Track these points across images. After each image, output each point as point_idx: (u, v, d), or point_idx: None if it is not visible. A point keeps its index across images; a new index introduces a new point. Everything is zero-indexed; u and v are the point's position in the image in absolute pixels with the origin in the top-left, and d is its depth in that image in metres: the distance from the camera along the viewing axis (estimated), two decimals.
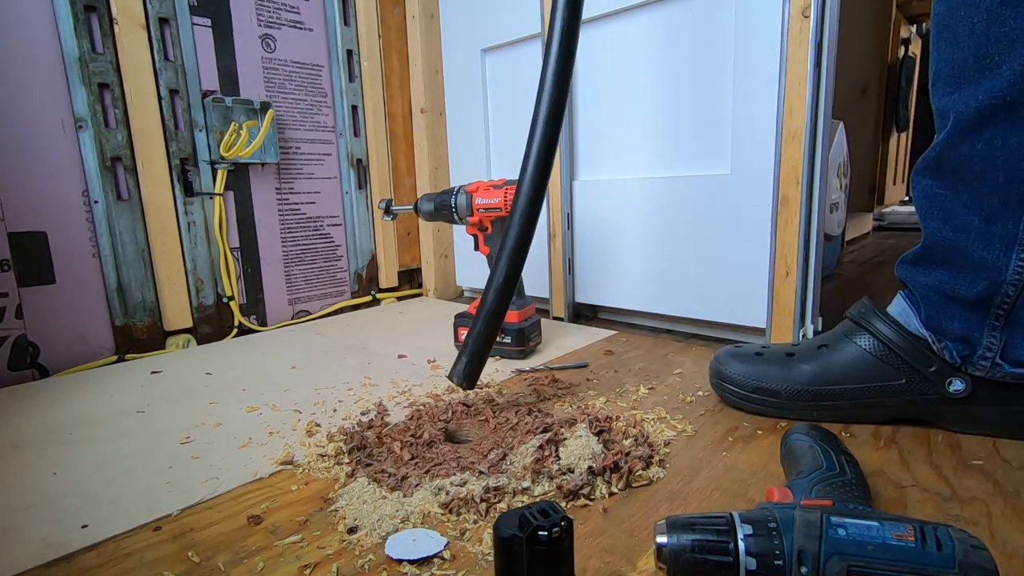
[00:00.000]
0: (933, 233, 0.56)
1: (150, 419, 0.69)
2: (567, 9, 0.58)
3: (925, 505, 0.45)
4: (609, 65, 1.00)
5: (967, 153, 0.51)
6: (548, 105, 0.59)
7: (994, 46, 0.48)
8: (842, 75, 0.82)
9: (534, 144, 0.60)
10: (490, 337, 0.63)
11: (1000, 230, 0.51)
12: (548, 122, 0.59)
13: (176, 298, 1.01)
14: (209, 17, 1.03)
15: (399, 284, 1.39)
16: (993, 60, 0.48)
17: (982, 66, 0.49)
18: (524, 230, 0.62)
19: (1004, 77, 0.47)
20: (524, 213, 0.61)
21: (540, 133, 0.60)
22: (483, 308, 0.62)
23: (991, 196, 0.51)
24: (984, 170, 0.51)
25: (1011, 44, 0.47)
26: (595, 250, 1.07)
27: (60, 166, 0.89)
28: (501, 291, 0.62)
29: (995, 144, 0.49)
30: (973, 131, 0.50)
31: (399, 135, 1.33)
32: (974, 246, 0.52)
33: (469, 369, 0.63)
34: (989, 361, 0.53)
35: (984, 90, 0.49)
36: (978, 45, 0.49)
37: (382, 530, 0.44)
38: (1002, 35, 0.47)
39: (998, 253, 0.51)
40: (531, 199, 0.61)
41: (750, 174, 0.85)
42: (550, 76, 0.59)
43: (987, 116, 0.49)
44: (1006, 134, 0.49)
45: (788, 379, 0.60)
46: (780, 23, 0.76)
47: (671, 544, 0.34)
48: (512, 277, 0.62)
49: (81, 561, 0.43)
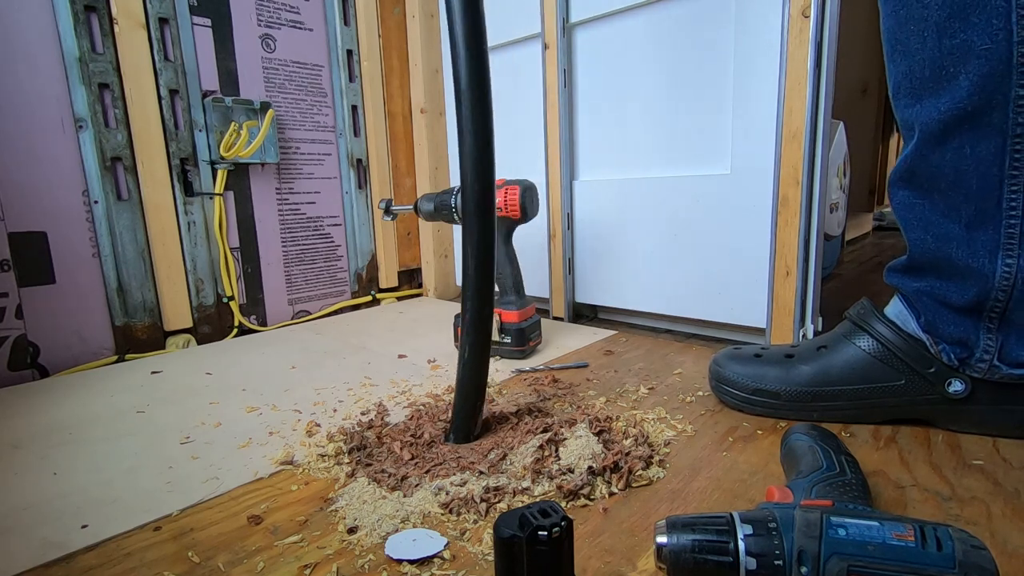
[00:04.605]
0: (917, 243, 0.56)
1: (150, 419, 0.69)
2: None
3: (925, 505, 0.45)
4: (609, 65, 1.00)
5: (937, 163, 0.52)
6: (470, 108, 0.52)
7: (948, 58, 0.48)
8: (842, 75, 0.82)
9: (466, 146, 0.53)
10: (479, 389, 0.57)
11: (982, 236, 0.51)
12: (476, 128, 0.52)
13: (176, 298, 1.01)
14: (209, 17, 1.02)
15: (399, 284, 1.39)
16: (949, 72, 0.48)
17: (939, 78, 0.49)
18: (483, 271, 0.55)
19: (962, 88, 0.48)
20: (478, 257, 0.54)
21: (470, 132, 0.52)
22: (462, 355, 0.57)
23: (967, 204, 0.51)
24: (957, 179, 0.51)
25: (964, 56, 0.47)
26: (595, 250, 1.07)
27: (60, 166, 0.89)
28: (477, 330, 0.55)
29: (964, 153, 0.50)
30: (940, 142, 0.51)
31: (399, 135, 1.33)
32: (958, 254, 0.53)
33: (458, 422, 0.58)
34: (987, 363, 0.53)
35: (945, 101, 0.49)
36: (932, 58, 0.49)
37: (382, 530, 0.44)
38: (954, 47, 0.48)
39: (983, 260, 0.51)
40: (480, 238, 0.54)
41: (750, 174, 0.85)
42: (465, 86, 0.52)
43: (951, 127, 0.50)
44: (974, 142, 0.49)
45: (788, 380, 0.60)
46: (780, 23, 0.76)
47: (671, 544, 0.34)
48: (483, 316, 0.55)
49: (81, 561, 0.43)
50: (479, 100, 0.52)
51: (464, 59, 0.51)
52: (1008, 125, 0.47)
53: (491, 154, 0.53)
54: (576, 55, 1.04)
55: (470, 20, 0.50)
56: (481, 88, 0.52)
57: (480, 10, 0.51)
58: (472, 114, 0.52)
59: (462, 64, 0.51)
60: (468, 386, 0.56)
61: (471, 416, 0.58)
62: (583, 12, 1.00)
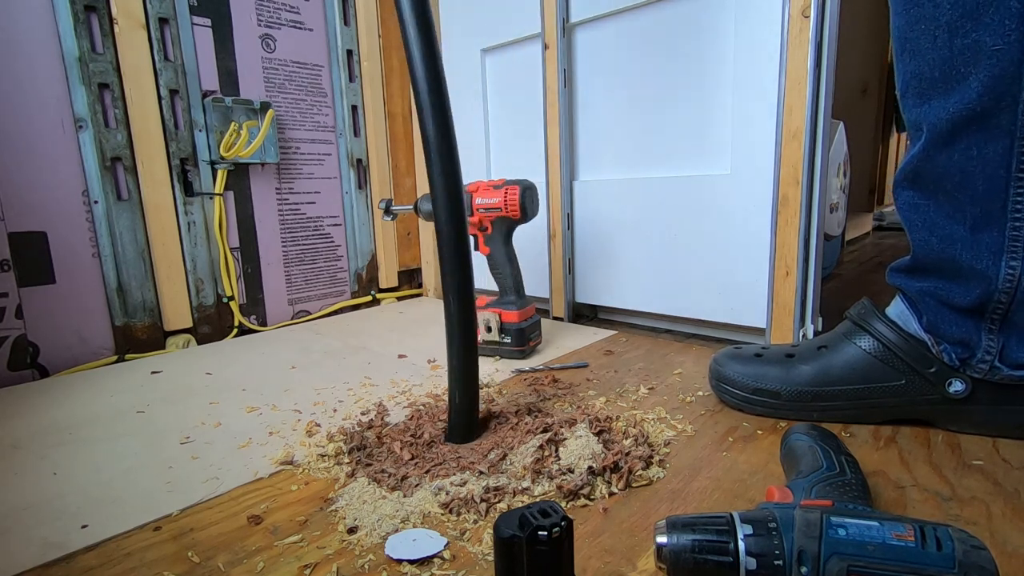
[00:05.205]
0: (921, 244, 0.56)
1: (150, 419, 0.69)
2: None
3: (925, 505, 0.45)
4: (609, 65, 1.00)
5: (944, 164, 0.52)
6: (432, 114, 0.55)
7: (959, 58, 0.48)
8: (842, 75, 0.82)
9: (432, 150, 0.55)
10: (471, 385, 0.57)
11: (986, 239, 0.51)
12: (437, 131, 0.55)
13: (176, 298, 1.01)
14: (209, 17, 1.02)
15: (399, 284, 1.39)
16: (959, 72, 0.48)
17: (949, 78, 0.49)
18: (461, 285, 0.55)
19: (972, 89, 0.48)
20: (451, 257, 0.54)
21: (434, 136, 0.55)
22: (451, 364, 0.57)
23: (973, 206, 0.51)
24: (963, 180, 0.51)
25: (976, 56, 0.47)
26: (595, 250, 1.07)
27: (60, 166, 0.89)
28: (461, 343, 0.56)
29: (971, 154, 0.50)
30: (948, 142, 0.51)
31: (399, 135, 1.33)
32: (963, 256, 0.52)
33: (457, 422, 0.59)
34: (988, 364, 0.53)
35: (954, 102, 0.49)
36: (942, 58, 0.49)
37: (382, 530, 0.44)
38: (965, 47, 0.47)
39: (987, 263, 0.51)
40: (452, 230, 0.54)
41: (750, 174, 0.85)
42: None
43: (960, 127, 0.49)
44: (981, 144, 0.49)
45: (788, 380, 0.60)
46: (780, 23, 0.76)
47: (671, 544, 0.34)
48: (468, 331, 0.56)
49: (81, 561, 0.43)
50: (439, 108, 0.55)
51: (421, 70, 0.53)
52: (1016, 127, 0.47)
53: (456, 159, 0.56)
54: (576, 55, 1.04)
55: (423, 36, 0.52)
56: (439, 95, 0.55)
57: (430, 20, 0.53)
58: (434, 123, 0.55)
59: (419, 75, 0.53)
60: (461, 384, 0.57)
61: (468, 415, 0.58)
62: (583, 12, 1.00)
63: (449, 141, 0.55)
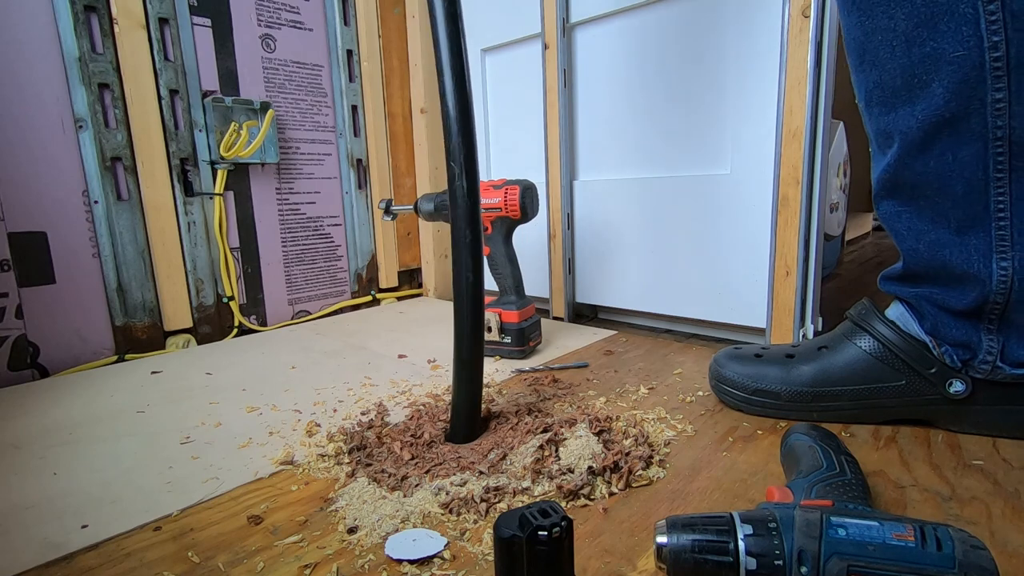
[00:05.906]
0: (910, 253, 0.56)
1: (150, 419, 0.69)
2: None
3: (925, 505, 0.45)
4: (609, 65, 1.00)
5: (921, 170, 0.52)
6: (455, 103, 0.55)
7: (919, 67, 0.48)
8: (842, 75, 0.82)
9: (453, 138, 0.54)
10: (476, 388, 0.58)
11: (974, 240, 0.51)
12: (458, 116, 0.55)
13: (176, 298, 1.01)
14: (209, 17, 1.02)
15: (399, 284, 1.39)
16: (921, 79, 0.49)
17: (912, 86, 0.49)
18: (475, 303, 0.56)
19: (938, 95, 0.48)
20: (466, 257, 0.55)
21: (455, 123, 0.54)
22: (457, 355, 0.57)
23: (955, 209, 0.51)
24: (942, 185, 0.51)
25: (936, 63, 0.47)
26: (595, 250, 1.07)
27: (60, 166, 0.89)
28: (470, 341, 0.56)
29: (947, 159, 0.50)
30: (922, 149, 0.51)
31: (399, 135, 1.33)
32: (953, 259, 0.52)
33: (458, 422, 0.59)
34: (990, 364, 0.53)
35: (921, 108, 0.49)
36: (903, 66, 0.49)
37: (382, 530, 0.44)
38: (924, 56, 0.48)
39: (978, 264, 0.51)
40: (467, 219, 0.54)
41: (750, 174, 0.85)
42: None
43: (932, 133, 0.50)
44: (955, 148, 0.49)
45: (788, 380, 0.60)
46: (780, 23, 0.76)
47: (671, 544, 0.34)
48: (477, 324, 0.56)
49: (81, 561, 0.43)
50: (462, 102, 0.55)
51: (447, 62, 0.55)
52: (988, 129, 0.47)
53: (475, 157, 0.55)
54: (576, 55, 1.04)
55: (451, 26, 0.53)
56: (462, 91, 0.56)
57: (459, 15, 0.55)
58: (458, 117, 0.54)
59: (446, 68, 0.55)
60: (466, 386, 0.57)
61: (470, 416, 0.58)
62: (583, 12, 1.00)
63: (471, 148, 0.55)
